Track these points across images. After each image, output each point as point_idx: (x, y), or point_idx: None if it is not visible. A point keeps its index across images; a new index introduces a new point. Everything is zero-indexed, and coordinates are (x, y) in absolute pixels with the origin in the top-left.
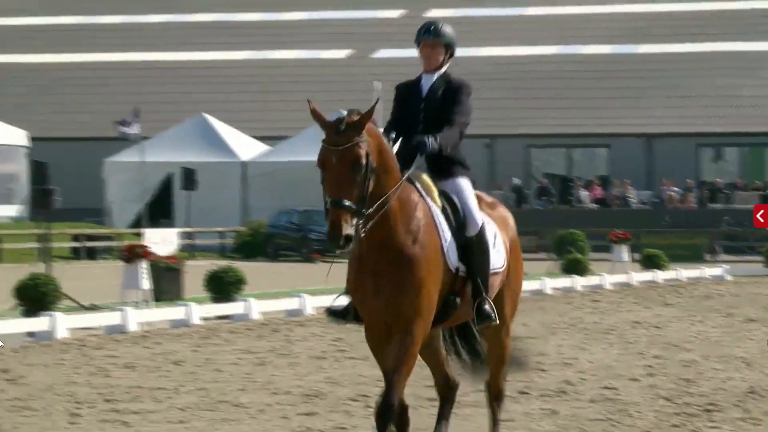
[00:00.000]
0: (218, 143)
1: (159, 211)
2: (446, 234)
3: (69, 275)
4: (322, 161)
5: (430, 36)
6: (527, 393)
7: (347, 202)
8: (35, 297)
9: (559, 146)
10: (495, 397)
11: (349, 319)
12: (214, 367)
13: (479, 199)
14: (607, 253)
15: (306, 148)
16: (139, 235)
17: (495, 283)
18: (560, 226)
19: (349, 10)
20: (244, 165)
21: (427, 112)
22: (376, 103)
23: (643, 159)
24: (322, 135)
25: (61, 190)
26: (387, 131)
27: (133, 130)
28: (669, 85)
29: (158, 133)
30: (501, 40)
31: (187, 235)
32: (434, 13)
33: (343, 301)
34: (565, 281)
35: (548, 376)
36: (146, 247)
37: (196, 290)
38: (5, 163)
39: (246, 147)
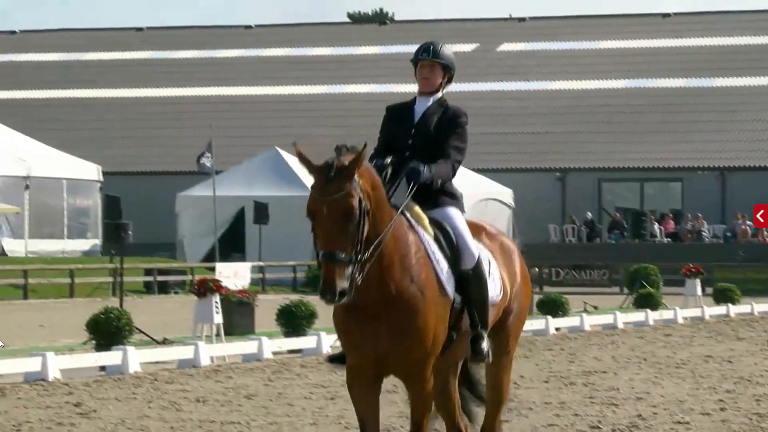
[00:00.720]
0: (290, 177)
1: (231, 245)
2: (441, 264)
3: (141, 309)
4: (312, 211)
5: (428, 56)
6: (599, 428)
7: (340, 255)
8: (108, 331)
9: (632, 180)
10: None
11: None
12: (285, 402)
13: (479, 228)
14: (680, 287)
15: None
16: (211, 269)
17: (491, 315)
18: (633, 260)
19: None
20: None
21: (417, 137)
22: (365, 146)
23: (717, 193)
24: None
25: (133, 225)
26: (377, 156)
27: (207, 163)
28: (742, 118)
29: (231, 167)
30: (573, 74)
31: (259, 269)
32: (507, 47)
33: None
34: (637, 315)
35: (620, 411)
36: (218, 281)
37: (268, 324)
38: (78, 197)
39: None
